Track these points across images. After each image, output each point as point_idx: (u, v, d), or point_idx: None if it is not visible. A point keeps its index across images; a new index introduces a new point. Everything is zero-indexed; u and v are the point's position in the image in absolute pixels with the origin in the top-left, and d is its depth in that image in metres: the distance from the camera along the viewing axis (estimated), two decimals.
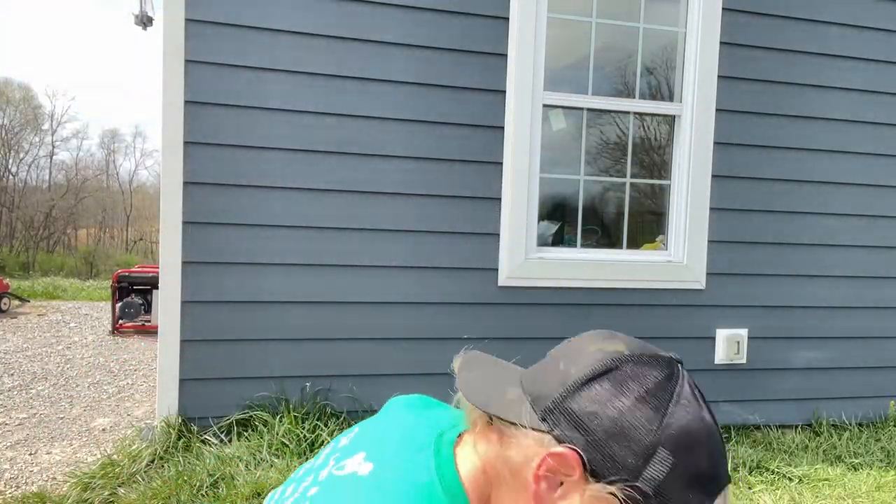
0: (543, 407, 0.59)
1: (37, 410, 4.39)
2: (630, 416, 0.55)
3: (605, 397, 0.57)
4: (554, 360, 0.64)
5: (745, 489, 2.75)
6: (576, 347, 0.64)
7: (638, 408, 0.56)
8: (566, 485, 0.56)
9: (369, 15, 3.03)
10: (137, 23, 5.35)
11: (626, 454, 0.54)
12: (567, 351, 0.64)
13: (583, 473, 0.56)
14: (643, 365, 0.59)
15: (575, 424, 0.57)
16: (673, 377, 0.58)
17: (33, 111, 27.44)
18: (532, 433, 0.59)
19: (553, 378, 0.61)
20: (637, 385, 0.57)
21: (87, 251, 23.33)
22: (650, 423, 0.55)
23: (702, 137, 3.39)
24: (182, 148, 2.87)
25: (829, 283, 3.62)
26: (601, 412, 0.56)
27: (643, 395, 0.56)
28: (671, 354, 0.62)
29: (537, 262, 3.26)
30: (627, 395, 0.56)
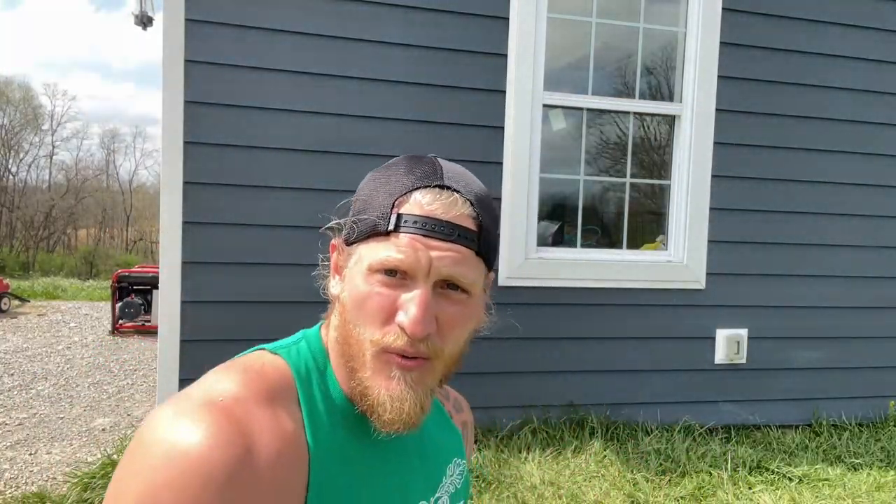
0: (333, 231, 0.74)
1: (37, 410, 4.39)
2: (363, 187, 0.69)
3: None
4: None
5: (745, 489, 2.75)
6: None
7: (368, 179, 0.69)
8: (340, 264, 0.69)
9: (369, 15, 3.03)
10: (137, 23, 5.35)
11: (350, 212, 0.68)
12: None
13: (342, 247, 0.69)
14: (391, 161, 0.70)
15: (345, 222, 0.69)
16: (401, 159, 0.70)
17: (33, 111, 27.45)
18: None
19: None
20: (374, 172, 0.70)
21: (87, 251, 23.33)
22: (361, 183, 0.70)
23: (702, 137, 3.39)
24: (182, 148, 2.87)
25: (829, 283, 3.62)
26: (356, 196, 0.70)
27: (375, 174, 0.69)
28: (432, 155, 0.71)
29: (537, 262, 3.26)
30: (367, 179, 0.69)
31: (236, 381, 0.61)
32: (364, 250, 0.64)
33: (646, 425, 3.36)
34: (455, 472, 0.79)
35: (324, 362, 0.69)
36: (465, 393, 3.02)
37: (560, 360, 3.33)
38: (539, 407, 3.30)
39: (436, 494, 0.75)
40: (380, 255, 0.62)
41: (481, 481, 2.68)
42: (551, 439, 3.13)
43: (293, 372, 0.66)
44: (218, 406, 0.58)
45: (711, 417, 3.48)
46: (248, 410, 0.59)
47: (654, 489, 2.70)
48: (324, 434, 0.64)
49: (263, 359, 0.66)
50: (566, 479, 2.73)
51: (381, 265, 0.62)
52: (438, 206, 0.63)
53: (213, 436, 0.55)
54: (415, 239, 0.62)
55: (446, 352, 0.65)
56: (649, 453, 3.01)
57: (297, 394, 0.65)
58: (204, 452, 0.54)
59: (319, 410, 0.66)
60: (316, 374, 0.68)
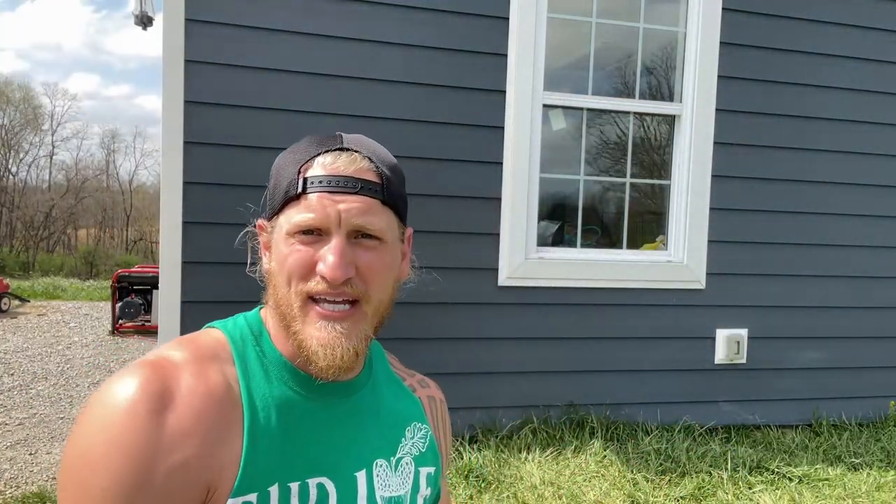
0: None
1: (37, 410, 4.39)
2: (274, 165, 0.75)
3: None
4: None
5: (745, 489, 2.75)
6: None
7: (278, 158, 0.76)
8: (266, 242, 0.76)
9: (369, 15, 3.03)
10: (137, 23, 5.34)
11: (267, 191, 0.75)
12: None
13: (266, 226, 0.76)
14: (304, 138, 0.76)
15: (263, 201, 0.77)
16: (309, 137, 0.76)
17: (33, 111, 27.44)
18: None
19: None
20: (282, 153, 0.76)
21: (87, 251, 23.32)
22: (277, 159, 0.75)
23: (702, 137, 3.39)
24: (182, 148, 2.87)
25: (829, 283, 3.62)
26: (270, 176, 0.75)
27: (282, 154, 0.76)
28: (338, 133, 0.76)
29: (537, 262, 3.26)
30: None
31: (172, 348, 0.70)
32: (282, 219, 0.71)
33: (646, 425, 3.36)
34: (416, 436, 0.83)
35: (259, 329, 0.76)
36: (466, 393, 3.04)
37: (560, 360, 3.33)
38: (539, 407, 3.30)
39: (396, 455, 0.79)
40: (293, 218, 0.69)
41: (481, 481, 2.69)
42: (551, 439, 3.13)
43: (228, 339, 0.73)
44: (144, 362, 0.66)
45: (711, 417, 3.48)
46: (175, 363, 0.67)
47: (654, 489, 2.70)
48: (258, 386, 0.70)
49: (201, 332, 0.75)
50: (566, 479, 2.74)
51: (297, 227, 0.69)
52: (340, 164, 0.70)
53: (138, 381, 0.63)
54: (322, 196, 0.68)
55: (372, 296, 0.71)
56: (649, 453, 3.01)
57: (231, 356, 0.71)
58: (126, 392, 0.62)
59: (254, 368, 0.72)
60: (251, 338, 0.74)
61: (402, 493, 0.78)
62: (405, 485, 0.78)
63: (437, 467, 0.85)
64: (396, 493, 0.77)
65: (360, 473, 0.73)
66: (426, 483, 0.82)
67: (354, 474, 0.73)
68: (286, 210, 0.70)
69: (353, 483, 0.72)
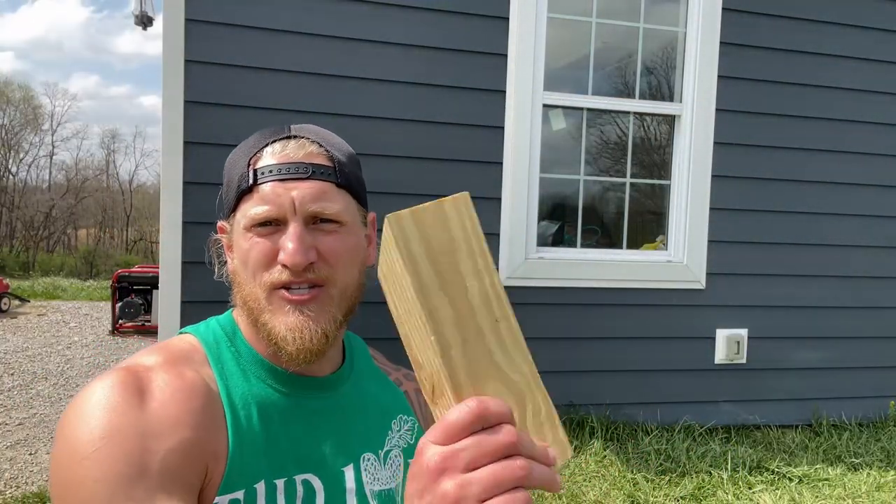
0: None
1: (37, 410, 4.39)
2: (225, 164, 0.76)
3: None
4: None
5: (745, 489, 2.75)
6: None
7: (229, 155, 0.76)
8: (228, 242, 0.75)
9: (369, 15, 3.03)
10: (137, 23, 5.35)
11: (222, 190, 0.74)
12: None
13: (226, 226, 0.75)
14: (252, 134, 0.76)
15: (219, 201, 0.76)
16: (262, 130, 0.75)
17: (33, 111, 27.44)
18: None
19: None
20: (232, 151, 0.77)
21: (87, 251, 23.31)
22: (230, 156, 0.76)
23: (702, 137, 3.39)
24: (182, 148, 2.87)
25: (829, 282, 3.62)
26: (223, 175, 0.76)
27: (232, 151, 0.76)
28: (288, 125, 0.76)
29: (537, 262, 3.26)
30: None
31: (145, 354, 0.69)
32: (238, 216, 0.70)
33: (646, 425, 3.36)
34: (403, 428, 0.82)
35: (232, 330, 0.75)
36: None
37: (560, 360, 3.33)
38: None
39: (384, 448, 0.78)
40: (248, 212, 0.68)
41: None
42: None
43: (201, 342, 0.73)
44: (119, 368, 0.66)
45: (711, 417, 3.48)
46: (150, 368, 0.66)
47: (654, 489, 2.70)
48: (236, 386, 0.70)
49: (173, 338, 0.75)
50: (566, 479, 2.74)
51: (253, 220, 0.68)
52: (289, 151, 0.69)
53: (114, 382, 0.63)
54: (275, 185, 0.68)
55: (338, 279, 0.70)
56: (649, 453, 3.01)
57: (206, 358, 0.71)
58: (104, 392, 0.62)
59: (230, 367, 0.71)
60: (224, 339, 0.74)
61: (393, 485, 0.77)
62: (395, 477, 0.78)
63: None
64: (386, 487, 0.76)
65: (348, 468, 0.73)
66: None
67: (341, 469, 0.72)
68: (241, 205, 0.70)
69: (341, 478, 0.72)
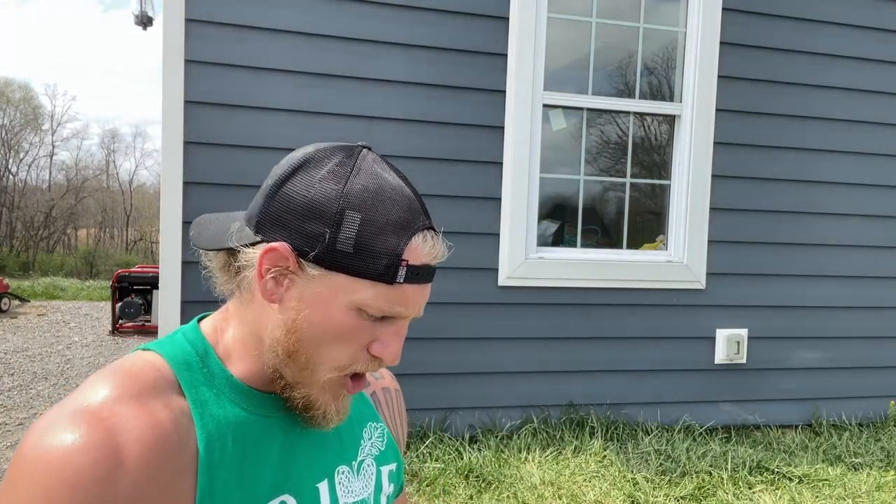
0: (255, 222, 0.65)
1: (37, 410, 4.39)
2: (315, 195, 0.62)
3: (293, 190, 0.63)
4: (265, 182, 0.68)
5: (745, 489, 2.75)
6: (278, 165, 0.68)
7: (321, 187, 0.62)
8: (289, 276, 0.63)
9: (369, 15, 3.03)
10: (137, 23, 5.35)
11: (320, 227, 0.61)
12: (272, 171, 0.68)
13: (296, 259, 0.62)
14: (325, 155, 0.65)
15: (275, 222, 0.63)
16: (353, 155, 0.65)
17: (33, 111, 27.42)
18: (250, 249, 0.64)
19: (258, 195, 0.67)
20: (317, 171, 0.63)
21: (87, 251, 23.32)
22: (333, 194, 0.62)
23: (702, 137, 3.39)
24: (182, 148, 2.87)
25: (829, 283, 3.62)
26: (292, 203, 0.62)
27: (324, 176, 0.63)
28: (359, 143, 0.68)
29: (537, 262, 3.26)
30: (311, 180, 0.63)
31: (105, 385, 0.60)
32: (351, 285, 0.62)
33: (646, 425, 3.36)
34: (374, 436, 0.81)
35: (203, 348, 0.68)
36: (466, 393, 3.04)
37: (560, 360, 3.33)
38: (539, 407, 3.30)
39: (357, 458, 0.77)
40: (380, 303, 0.63)
41: (481, 481, 2.69)
42: (551, 439, 3.13)
43: (169, 363, 0.65)
44: (83, 412, 0.57)
45: (711, 417, 3.48)
46: (115, 411, 0.58)
47: (654, 489, 2.70)
48: (212, 414, 0.64)
49: (137, 357, 0.66)
50: (566, 479, 2.74)
51: (382, 313, 0.63)
52: (433, 255, 0.65)
53: (76, 442, 0.55)
54: (417, 290, 0.64)
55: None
56: (649, 453, 3.01)
57: (176, 382, 0.64)
58: (69, 459, 0.54)
59: (204, 393, 0.65)
60: (196, 360, 0.67)
61: (366, 495, 0.76)
62: (368, 487, 0.77)
63: (399, 462, 0.84)
64: (359, 497, 0.75)
65: (322, 484, 0.71)
66: (388, 480, 0.81)
67: (316, 486, 0.71)
68: (360, 279, 0.62)
69: (315, 495, 0.70)
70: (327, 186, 0.62)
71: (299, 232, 0.62)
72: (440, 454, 2.89)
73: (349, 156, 0.65)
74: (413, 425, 3.12)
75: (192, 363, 0.67)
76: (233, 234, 0.66)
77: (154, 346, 0.68)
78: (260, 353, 0.67)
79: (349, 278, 0.62)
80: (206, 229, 0.72)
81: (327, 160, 0.64)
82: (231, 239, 0.65)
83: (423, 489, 2.62)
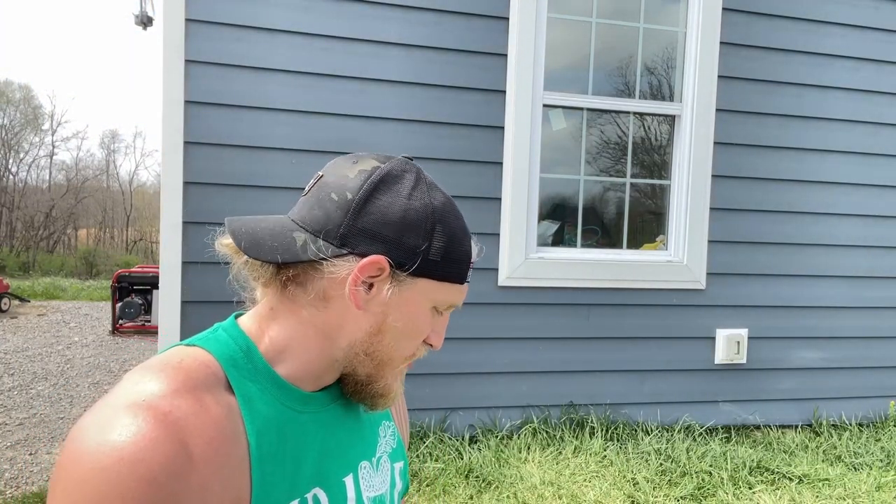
0: (337, 235, 0.68)
1: (37, 410, 4.39)
2: (409, 211, 0.69)
3: (384, 205, 0.68)
4: (321, 195, 0.70)
5: (745, 489, 2.75)
6: (337, 178, 0.71)
7: (411, 203, 0.69)
8: (375, 284, 0.69)
9: (369, 15, 3.03)
10: (137, 23, 5.35)
11: (417, 240, 0.68)
12: (330, 184, 0.71)
13: (390, 270, 0.68)
14: (397, 171, 0.71)
15: (371, 237, 0.68)
16: (420, 172, 0.73)
17: (33, 111, 27.42)
18: (337, 261, 0.68)
19: (333, 209, 0.69)
20: (402, 187, 0.70)
21: (87, 251, 23.30)
22: (425, 210, 0.69)
23: (702, 137, 3.39)
24: (182, 148, 2.87)
25: (829, 283, 3.62)
26: (387, 218, 0.68)
27: (410, 193, 0.70)
28: (402, 156, 0.75)
29: (537, 262, 3.27)
30: (400, 197, 0.69)
31: (158, 379, 0.60)
32: (432, 287, 0.71)
33: (646, 425, 3.36)
34: (387, 434, 0.85)
35: (246, 344, 0.70)
36: (466, 393, 3.05)
37: (560, 360, 3.33)
38: (539, 407, 3.30)
39: (376, 455, 0.81)
40: (452, 299, 0.73)
41: (481, 481, 2.69)
42: (551, 439, 3.13)
43: (217, 358, 0.66)
44: (143, 406, 0.57)
45: (711, 417, 3.48)
46: (174, 404, 0.58)
47: (654, 489, 2.70)
48: (258, 411, 0.66)
49: (182, 353, 0.66)
50: (566, 479, 2.74)
51: (449, 306, 0.74)
52: (478, 253, 0.77)
53: (144, 436, 0.54)
54: (465, 285, 0.75)
55: None
56: (649, 453, 3.01)
57: (225, 378, 0.65)
58: (139, 454, 0.53)
59: (250, 389, 0.67)
60: (241, 357, 0.68)
61: (383, 491, 0.79)
62: (385, 483, 0.80)
63: (405, 461, 0.88)
64: (379, 492, 0.78)
65: (348, 478, 0.74)
66: (399, 477, 0.85)
67: (343, 479, 0.74)
68: (444, 283, 0.72)
69: (343, 488, 0.73)
70: (417, 203, 0.69)
71: (397, 245, 0.68)
72: (440, 454, 2.89)
73: (418, 174, 0.72)
74: (413, 425, 3.11)
75: (238, 360, 0.68)
76: (308, 246, 0.68)
77: (198, 341, 0.69)
78: (319, 351, 0.71)
79: (432, 282, 0.70)
80: (260, 240, 0.71)
81: (401, 176, 0.71)
82: (309, 252, 0.68)
83: (422, 489, 2.62)
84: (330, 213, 0.68)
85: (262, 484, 0.63)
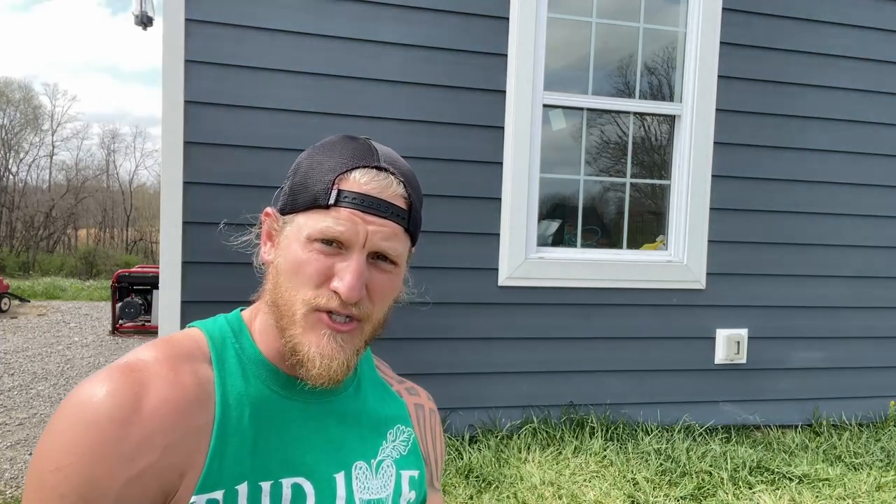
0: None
1: (37, 410, 4.39)
2: (293, 164, 0.75)
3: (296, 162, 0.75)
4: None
5: (745, 489, 2.75)
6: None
7: (297, 158, 0.75)
8: (273, 236, 0.75)
9: (369, 15, 3.03)
10: (137, 23, 5.35)
11: (285, 183, 0.74)
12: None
13: (273, 215, 0.75)
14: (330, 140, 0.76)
15: (282, 192, 0.74)
16: (337, 136, 0.77)
17: (33, 111, 27.42)
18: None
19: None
20: (312, 149, 0.75)
21: (87, 251, 23.29)
22: (299, 157, 0.75)
23: (702, 137, 3.39)
24: (182, 148, 2.87)
25: (829, 283, 3.62)
26: (294, 169, 0.74)
27: (313, 151, 0.75)
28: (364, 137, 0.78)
29: (537, 262, 3.26)
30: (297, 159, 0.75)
31: (148, 350, 0.69)
32: (302, 220, 0.70)
33: (646, 425, 3.36)
34: (398, 438, 0.83)
35: (239, 327, 0.76)
36: (466, 393, 3.05)
37: (560, 360, 3.33)
38: (539, 407, 3.30)
39: (377, 457, 0.79)
40: (320, 225, 0.68)
41: (481, 481, 2.69)
42: (551, 439, 3.13)
43: (207, 337, 0.73)
44: (121, 367, 0.65)
45: (711, 417, 3.48)
46: (148, 367, 0.66)
47: (654, 489, 2.70)
48: (233, 385, 0.70)
49: (182, 332, 0.75)
50: (566, 479, 2.74)
51: (322, 234, 0.68)
52: (375, 186, 0.70)
53: (105, 387, 0.63)
54: (353, 213, 0.68)
55: (375, 316, 0.72)
56: (649, 453, 3.01)
57: (208, 354, 0.71)
58: (93, 399, 0.62)
59: (231, 366, 0.72)
60: (230, 336, 0.74)
61: (384, 496, 0.77)
62: (386, 488, 0.78)
63: (421, 471, 0.84)
64: (377, 496, 0.77)
65: (339, 475, 0.74)
66: (409, 486, 0.81)
67: (333, 475, 0.73)
68: (311, 213, 0.69)
69: (332, 484, 0.72)
70: (301, 155, 0.74)
71: (280, 193, 0.74)
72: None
73: (345, 138, 0.75)
74: None
75: (227, 339, 0.74)
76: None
77: (199, 323, 0.76)
78: (272, 323, 0.73)
79: (302, 215, 0.70)
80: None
81: (325, 142, 0.76)
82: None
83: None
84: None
85: (220, 455, 0.66)
